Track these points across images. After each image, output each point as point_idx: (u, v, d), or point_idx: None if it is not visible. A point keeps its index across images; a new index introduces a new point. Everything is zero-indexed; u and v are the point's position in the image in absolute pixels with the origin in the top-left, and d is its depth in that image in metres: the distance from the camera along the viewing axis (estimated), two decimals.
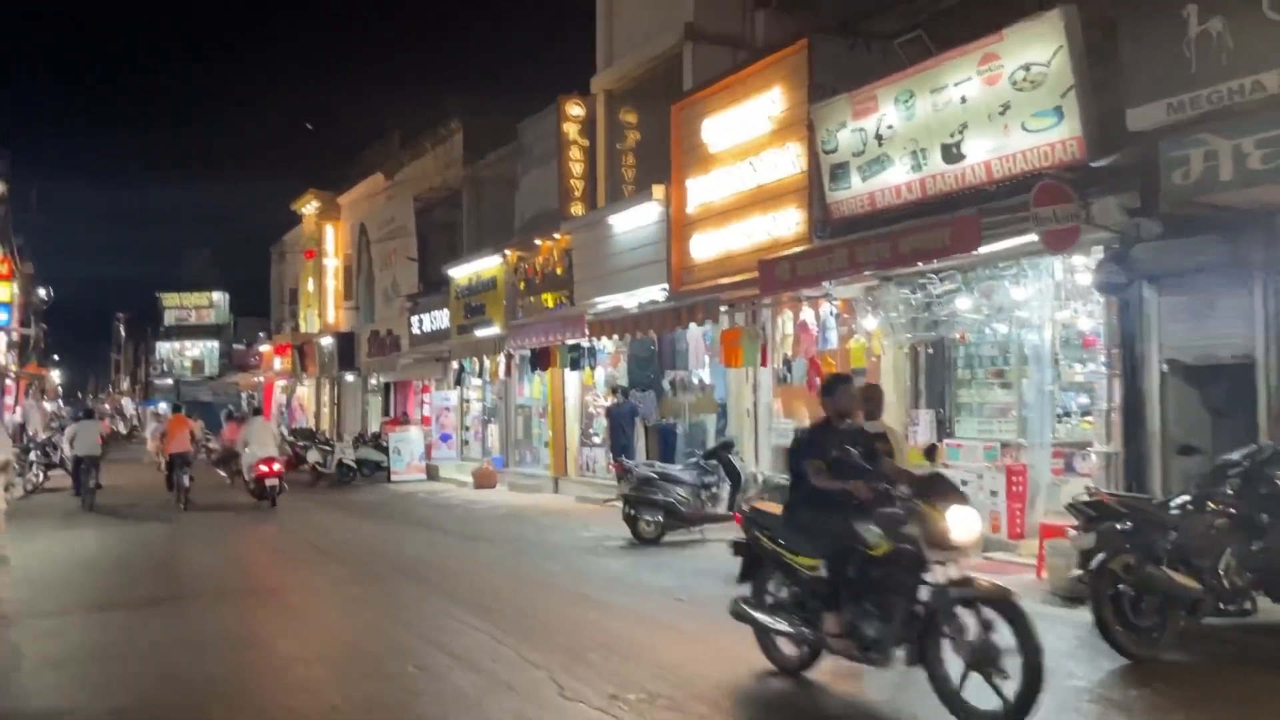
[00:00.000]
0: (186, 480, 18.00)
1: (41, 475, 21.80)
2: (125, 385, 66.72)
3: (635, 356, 16.93)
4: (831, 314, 12.52)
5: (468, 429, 24.70)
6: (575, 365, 17.71)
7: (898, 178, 10.41)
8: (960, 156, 9.74)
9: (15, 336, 30.64)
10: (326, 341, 33.45)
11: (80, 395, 68.95)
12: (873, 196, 10.78)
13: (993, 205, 9.32)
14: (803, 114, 11.76)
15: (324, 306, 35.19)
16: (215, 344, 55.21)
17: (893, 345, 11.55)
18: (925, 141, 10.05)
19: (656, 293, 14.67)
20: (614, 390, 16.92)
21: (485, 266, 20.70)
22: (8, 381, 31.11)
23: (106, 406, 56.11)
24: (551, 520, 15.14)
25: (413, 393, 28.46)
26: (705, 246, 13.65)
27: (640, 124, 16.97)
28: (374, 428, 28.89)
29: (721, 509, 12.75)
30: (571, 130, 17.65)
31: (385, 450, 24.22)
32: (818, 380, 13.11)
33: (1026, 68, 9.03)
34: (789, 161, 12.13)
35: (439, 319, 23.46)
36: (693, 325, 13.75)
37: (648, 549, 11.87)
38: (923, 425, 11.26)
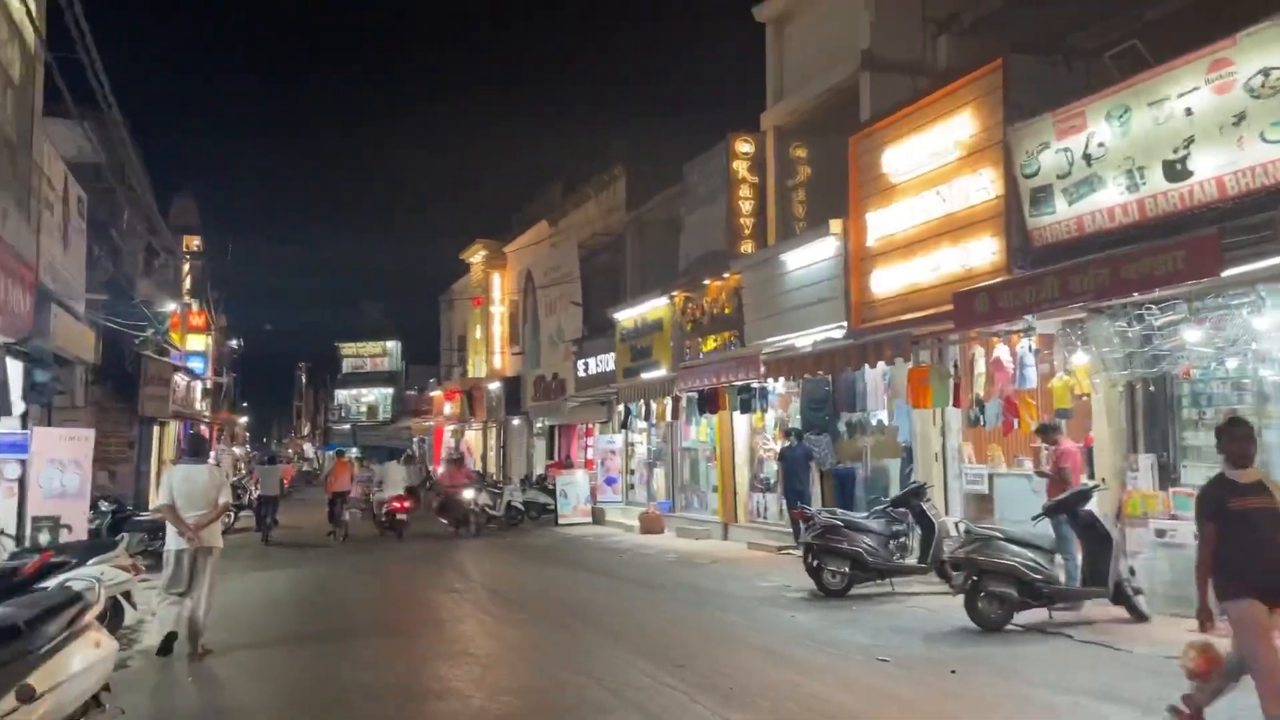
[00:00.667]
0: (346, 516, 20.87)
1: (233, 516, 22.91)
2: (306, 430, 70.35)
3: (808, 397, 16.29)
4: (1030, 350, 11.62)
5: (633, 472, 24.52)
6: (746, 407, 17.23)
7: (1111, 199, 9.55)
8: (1186, 174, 8.83)
9: (210, 385, 32.58)
10: (494, 386, 34.18)
11: (265, 440, 73.09)
12: (1080, 221, 9.94)
13: (1232, 225, 8.37)
14: (997, 137, 11.04)
15: (491, 352, 36.01)
16: (389, 390, 57.46)
17: (1105, 383, 10.57)
18: (1143, 159, 9.18)
19: (833, 330, 14.07)
20: (787, 433, 16.34)
21: (651, 309, 20.55)
22: (202, 427, 33.06)
23: (290, 451, 59.14)
24: (725, 568, 14.62)
25: (576, 436, 28.57)
26: (888, 281, 13.00)
27: (811, 158, 16.52)
28: (539, 471, 29.20)
29: (912, 560, 11.97)
30: (741, 168, 17.35)
31: (551, 493, 24.35)
32: (1014, 422, 12.22)
33: (1265, 73, 8.11)
34: (982, 188, 11.40)
35: (604, 362, 23.47)
36: (878, 364, 13.05)
37: (835, 602, 11.20)
38: (1143, 471, 10.21)
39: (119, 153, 18.34)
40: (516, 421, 33.25)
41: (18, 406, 13.00)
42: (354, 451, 47.45)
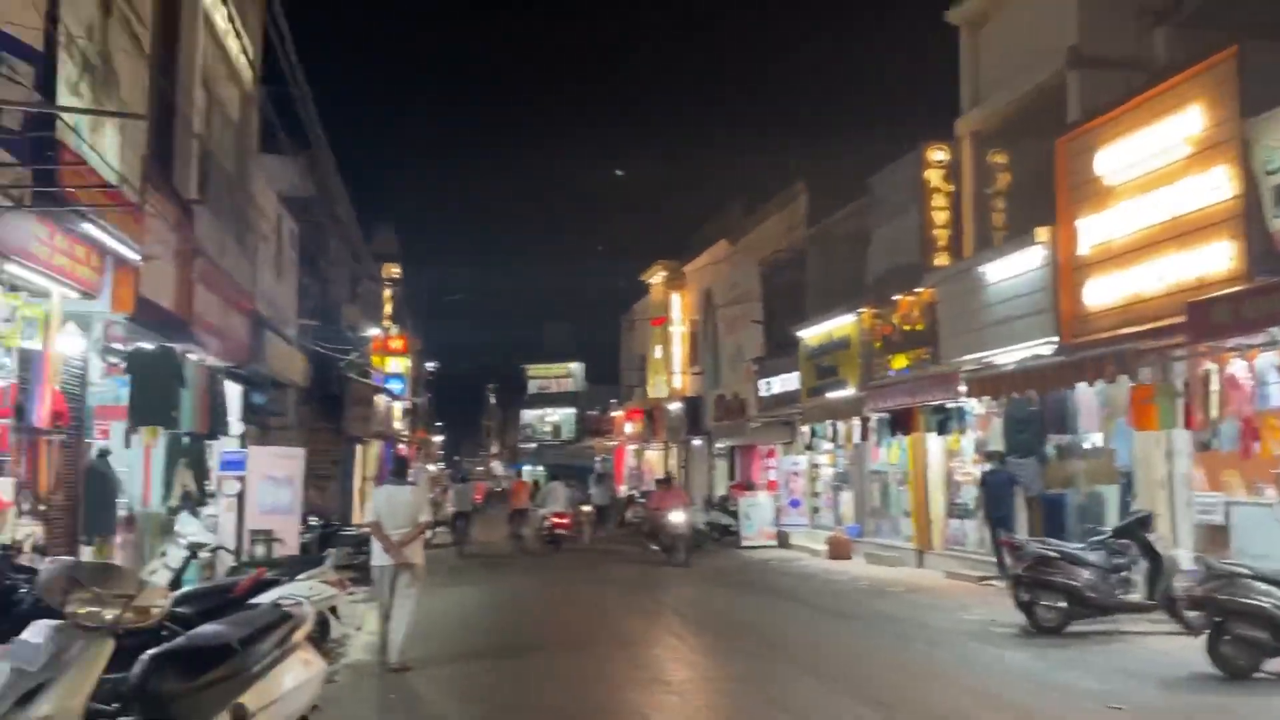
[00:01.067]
0: (525, 531, 23.03)
1: (431, 533, 23.91)
2: (495, 449, 72.89)
3: (1011, 418, 15.26)
4: (1276, 366, 10.43)
5: (817, 495, 23.84)
6: (942, 429, 16.37)
7: None
8: None
9: (408, 405, 34.14)
10: (674, 406, 34.22)
11: (456, 458, 76.15)
12: None
13: None
14: (1232, 132, 10.00)
15: (671, 372, 36.10)
16: (572, 410, 58.71)
17: None
18: None
19: (1041, 346, 13.14)
20: (988, 456, 15.37)
21: (837, 326, 19.96)
22: (400, 447, 34.65)
23: (479, 469, 61.39)
24: (924, 598, 13.86)
25: (757, 457, 28.11)
26: (1104, 292, 12.01)
27: (1011, 164, 15.59)
28: (719, 491, 28.96)
29: (1137, 595, 10.92)
30: (934, 177, 16.55)
31: (733, 515, 24.05)
32: (1254, 445, 10.99)
33: None
34: (1215, 188, 10.34)
35: (788, 381, 22.99)
36: (1097, 382, 12.05)
37: (1050, 640, 10.32)
38: None
39: (328, 185, 19.48)
40: (697, 442, 33.12)
41: (236, 427, 13.85)
42: (540, 470, 48.73)
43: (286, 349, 15.93)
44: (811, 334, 21.10)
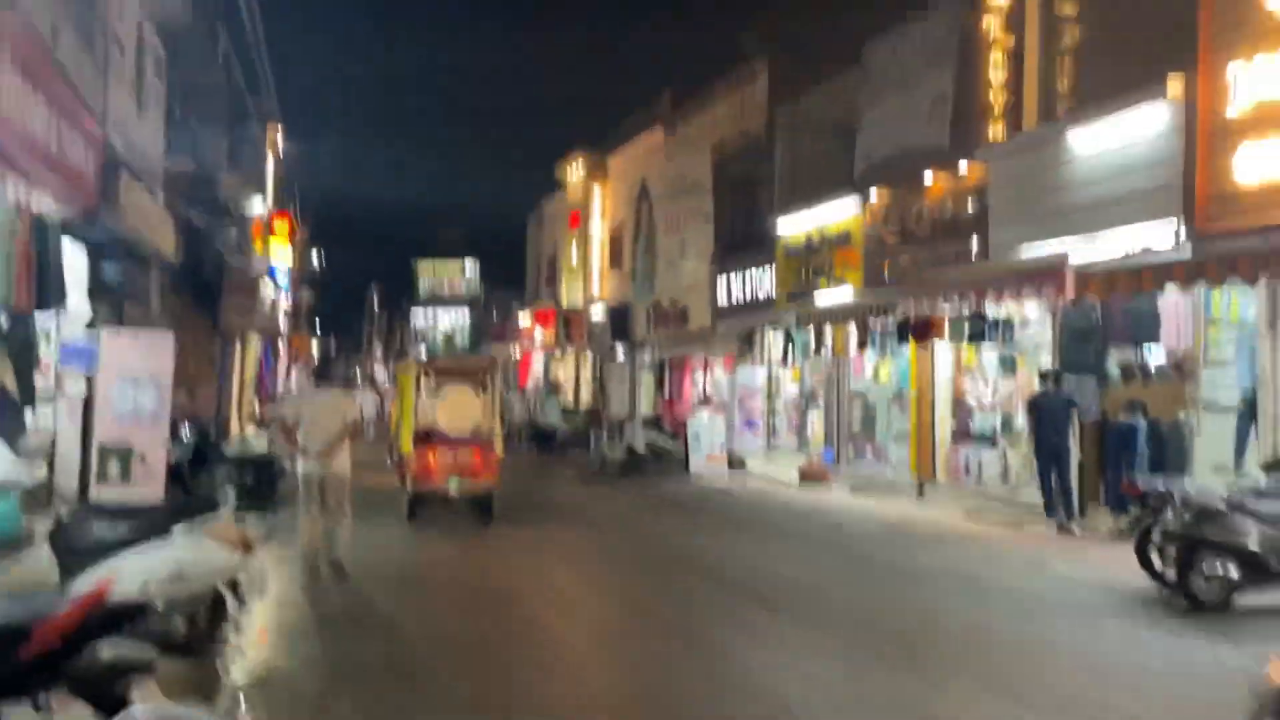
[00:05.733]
0: None
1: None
2: (379, 354, 67.77)
3: (1070, 328, 12.65)
4: None
5: (776, 415, 21.16)
6: (976, 337, 13.67)
7: None
8: None
9: (290, 301, 29.84)
10: (597, 312, 30.94)
11: (331, 361, 70.62)
12: None
13: None
14: None
15: (589, 276, 32.71)
16: (467, 312, 54.48)
17: None
18: None
19: (1158, 236, 10.43)
20: (1043, 376, 12.70)
21: (833, 217, 16.97)
22: (281, 346, 30.42)
23: (357, 373, 56.31)
24: (969, 548, 11.25)
25: (689, 370, 25.19)
26: (1261, 165, 9.30)
27: (1082, 15, 12.63)
28: (645, 409, 26.12)
29: None
30: (993, 26, 13.36)
31: (671, 436, 21.14)
32: None
33: None
34: None
35: (754, 283, 20.07)
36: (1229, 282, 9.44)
37: (1215, 620, 7.73)
38: None
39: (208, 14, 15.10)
40: (620, 352, 29.85)
41: (80, 306, 10.02)
42: None
43: (151, 206, 11.94)
44: (795, 228, 18.09)
